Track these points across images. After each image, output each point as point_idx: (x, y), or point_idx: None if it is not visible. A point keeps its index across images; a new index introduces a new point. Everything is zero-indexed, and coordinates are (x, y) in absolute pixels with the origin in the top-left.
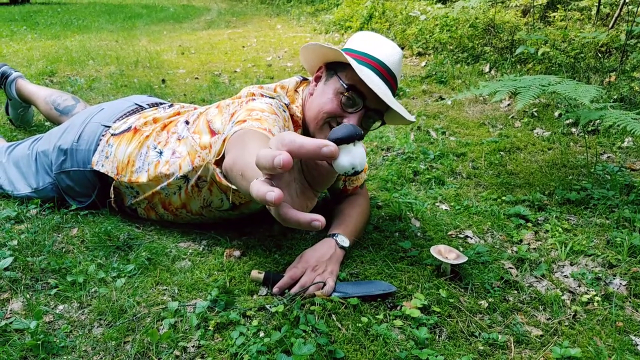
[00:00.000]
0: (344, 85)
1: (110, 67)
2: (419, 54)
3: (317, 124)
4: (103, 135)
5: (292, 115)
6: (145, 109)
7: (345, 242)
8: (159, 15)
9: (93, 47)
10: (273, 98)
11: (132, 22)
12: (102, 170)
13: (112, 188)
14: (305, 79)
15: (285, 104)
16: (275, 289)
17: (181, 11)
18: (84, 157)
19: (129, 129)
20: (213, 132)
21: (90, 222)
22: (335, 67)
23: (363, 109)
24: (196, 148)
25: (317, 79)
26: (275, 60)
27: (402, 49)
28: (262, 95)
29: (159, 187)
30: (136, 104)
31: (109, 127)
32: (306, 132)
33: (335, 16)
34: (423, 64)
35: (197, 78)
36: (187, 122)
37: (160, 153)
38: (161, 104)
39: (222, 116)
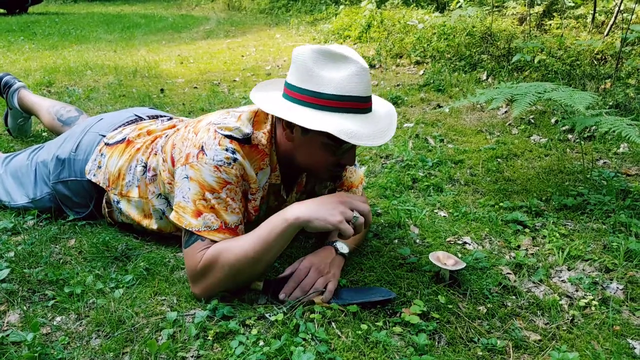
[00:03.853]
0: (330, 143)
1: (109, 77)
2: (417, 63)
3: (324, 175)
4: (98, 145)
5: (257, 145)
6: (144, 120)
7: (345, 249)
8: (158, 25)
9: (91, 57)
10: (230, 137)
11: (130, 32)
12: (94, 180)
13: (104, 200)
14: None
15: (247, 134)
16: (281, 295)
17: (180, 21)
18: (82, 167)
19: (122, 140)
20: (173, 160)
21: (88, 233)
22: None
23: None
24: (164, 175)
25: (289, 125)
26: (275, 70)
27: (401, 57)
28: (220, 144)
29: (151, 214)
30: (136, 115)
31: (105, 136)
32: (285, 160)
33: (334, 25)
34: (421, 72)
35: (196, 87)
36: (166, 136)
37: (145, 166)
38: (162, 116)
39: (180, 150)
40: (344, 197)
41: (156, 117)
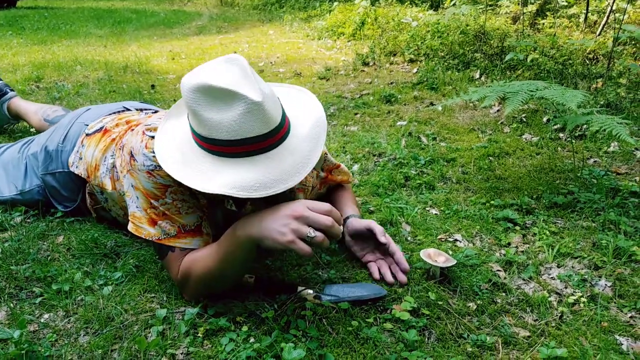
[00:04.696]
0: None
1: (99, 73)
2: (411, 61)
3: None
4: (81, 135)
5: None
6: (130, 111)
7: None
8: (149, 20)
9: (81, 52)
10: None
11: (121, 27)
12: (76, 172)
13: (87, 193)
14: None
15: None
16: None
17: (172, 16)
18: (68, 158)
19: (100, 129)
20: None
21: (77, 230)
22: None
23: None
24: (121, 176)
25: None
26: (268, 66)
27: (394, 55)
28: (147, 147)
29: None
30: (124, 107)
31: (88, 126)
32: None
33: (328, 22)
34: (414, 70)
35: None
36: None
37: (113, 159)
38: (149, 109)
39: (123, 150)
40: (301, 211)
41: (143, 110)
